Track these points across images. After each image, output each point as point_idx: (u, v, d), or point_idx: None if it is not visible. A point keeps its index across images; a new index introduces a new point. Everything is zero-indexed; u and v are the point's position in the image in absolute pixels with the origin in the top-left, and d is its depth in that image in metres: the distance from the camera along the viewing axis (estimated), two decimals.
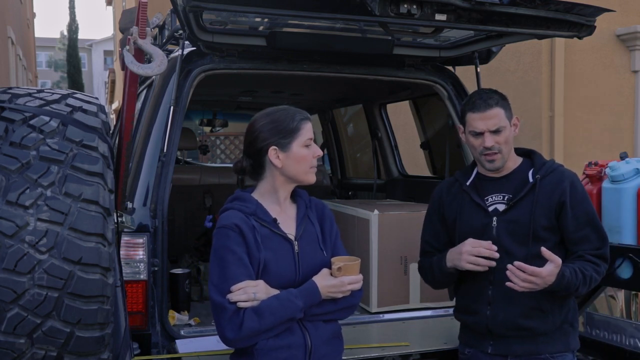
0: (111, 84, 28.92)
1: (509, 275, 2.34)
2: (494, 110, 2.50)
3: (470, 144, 2.58)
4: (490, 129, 2.50)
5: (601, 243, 2.51)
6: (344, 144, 6.05)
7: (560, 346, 2.53)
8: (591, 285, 2.46)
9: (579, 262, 2.47)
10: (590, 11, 2.84)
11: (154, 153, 3.02)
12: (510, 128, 2.55)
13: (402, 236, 3.40)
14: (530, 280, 2.31)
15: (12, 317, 1.74)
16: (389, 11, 2.58)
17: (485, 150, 2.52)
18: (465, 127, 2.58)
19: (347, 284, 2.14)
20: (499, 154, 2.53)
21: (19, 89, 2.06)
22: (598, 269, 2.47)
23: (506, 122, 2.53)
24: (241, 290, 2.04)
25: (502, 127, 2.51)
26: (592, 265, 2.46)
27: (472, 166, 2.72)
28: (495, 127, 2.50)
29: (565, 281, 2.36)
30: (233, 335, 2.04)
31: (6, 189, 1.76)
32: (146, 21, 2.28)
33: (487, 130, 2.50)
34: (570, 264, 2.44)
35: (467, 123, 2.56)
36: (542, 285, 2.33)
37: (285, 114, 2.21)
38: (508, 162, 2.59)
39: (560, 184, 2.51)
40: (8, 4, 16.68)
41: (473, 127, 2.53)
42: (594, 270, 2.46)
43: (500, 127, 2.51)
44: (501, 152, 2.53)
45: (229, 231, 2.11)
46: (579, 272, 2.41)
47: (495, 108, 2.51)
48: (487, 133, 2.51)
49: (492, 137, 2.51)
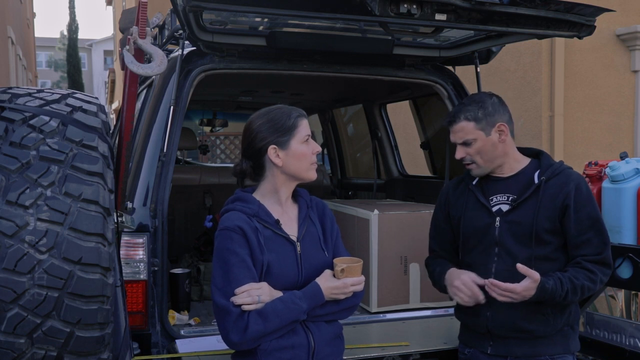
0: (111, 84, 28.92)
1: (487, 289, 2.39)
2: (458, 124, 2.55)
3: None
4: (457, 142, 2.57)
5: (602, 248, 2.48)
6: (344, 144, 6.06)
7: (560, 348, 2.53)
8: (584, 293, 2.44)
9: (573, 270, 2.45)
10: (590, 11, 2.84)
11: (154, 153, 3.02)
12: (487, 138, 2.53)
13: (402, 236, 3.40)
14: (505, 295, 2.34)
15: (12, 317, 1.74)
16: (389, 11, 2.58)
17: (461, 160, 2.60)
18: None
19: (349, 285, 2.15)
20: (473, 164, 2.58)
21: (19, 88, 2.06)
22: (593, 277, 2.44)
23: (476, 134, 2.53)
24: (245, 293, 2.04)
25: (469, 140, 2.54)
26: (585, 273, 2.43)
27: None
28: (461, 141, 2.56)
29: (548, 293, 2.36)
30: (238, 338, 2.04)
31: (6, 189, 1.76)
32: (146, 21, 2.28)
33: (457, 143, 2.58)
34: (559, 273, 2.43)
35: None
36: (520, 299, 2.35)
37: (281, 113, 2.21)
38: (513, 163, 2.59)
39: (565, 186, 2.50)
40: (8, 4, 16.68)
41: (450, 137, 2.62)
42: (587, 278, 2.43)
43: (466, 140, 2.54)
44: (475, 162, 2.57)
45: (232, 233, 2.11)
46: (567, 281, 2.40)
47: (460, 122, 2.55)
48: (458, 145, 2.58)
49: (462, 148, 2.57)
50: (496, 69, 7.36)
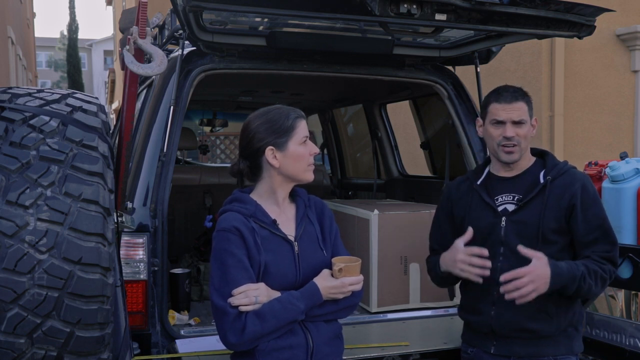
0: (111, 84, 28.92)
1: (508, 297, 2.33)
2: (519, 103, 2.54)
3: (490, 134, 2.58)
4: (513, 119, 2.52)
5: (611, 247, 2.49)
6: (344, 144, 6.06)
7: (563, 349, 2.52)
8: (597, 280, 2.42)
9: (583, 260, 2.45)
10: (590, 11, 2.84)
11: (154, 153, 3.02)
12: (529, 126, 2.56)
13: (402, 236, 3.40)
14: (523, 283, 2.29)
15: (12, 317, 1.74)
16: (389, 11, 2.58)
17: (504, 140, 2.53)
18: (487, 118, 2.60)
19: (348, 285, 2.14)
20: (517, 147, 2.53)
21: (19, 88, 2.06)
22: (604, 267, 2.45)
23: (528, 118, 2.56)
24: (242, 294, 2.04)
25: (524, 120, 2.53)
26: (597, 264, 2.44)
27: (484, 165, 2.72)
28: (519, 119, 2.52)
29: (564, 273, 2.34)
30: (236, 339, 2.04)
31: (6, 189, 1.76)
32: (146, 21, 2.28)
33: (510, 121, 2.52)
34: (569, 261, 2.43)
35: (490, 112, 2.58)
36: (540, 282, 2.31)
37: (279, 113, 2.20)
38: (522, 160, 2.59)
39: (571, 186, 2.50)
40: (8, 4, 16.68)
41: (496, 115, 2.55)
42: (600, 268, 2.43)
43: (522, 120, 2.53)
44: (519, 145, 2.53)
45: (228, 234, 2.10)
46: (581, 265, 2.40)
47: (520, 101, 2.55)
48: (509, 123, 2.52)
49: (513, 128, 2.52)
50: (496, 69, 7.36)
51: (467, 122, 3.61)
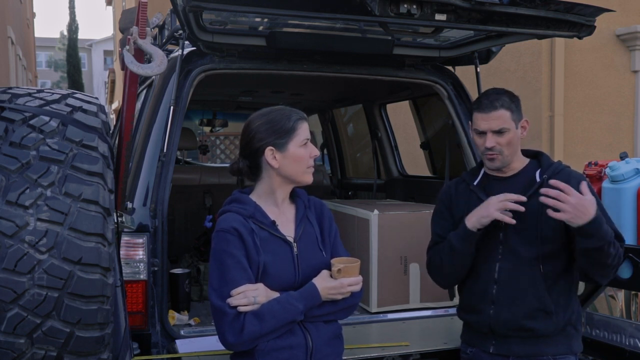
0: (111, 84, 28.92)
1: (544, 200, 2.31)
2: (498, 112, 2.51)
3: (475, 142, 2.62)
4: (492, 129, 2.51)
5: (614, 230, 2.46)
6: (344, 144, 6.06)
7: (562, 348, 2.52)
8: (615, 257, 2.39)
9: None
10: (590, 11, 2.84)
11: (154, 153, 3.02)
12: (516, 130, 2.54)
13: (402, 236, 3.40)
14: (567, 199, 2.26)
15: (12, 317, 1.74)
16: (389, 11, 2.58)
17: (487, 150, 2.54)
18: (472, 125, 2.61)
19: (347, 285, 2.14)
20: (499, 155, 2.54)
21: (19, 88, 2.05)
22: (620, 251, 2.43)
23: (511, 124, 2.53)
24: (241, 294, 2.04)
25: (505, 129, 2.51)
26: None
27: (480, 166, 2.72)
28: (498, 128, 2.51)
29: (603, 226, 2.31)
30: (234, 339, 2.04)
31: (6, 189, 1.76)
32: (146, 21, 2.28)
33: (490, 131, 2.52)
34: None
35: (473, 121, 2.59)
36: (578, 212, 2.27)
37: (281, 114, 2.20)
38: (514, 162, 2.59)
39: (567, 184, 2.50)
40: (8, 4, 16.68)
41: (476, 126, 2.56)
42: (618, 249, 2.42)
43: (503, 129, 2.51)
44: (502, 153, 2.53)
45: (227, 235, 2.11)
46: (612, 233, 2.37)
47: (500, 110, 2.51)
48: (489, 133, 2.52)
49: (494, 137, 2.52)
50: (496, 69, 7.36)
51: (467, 122, 3.61)
